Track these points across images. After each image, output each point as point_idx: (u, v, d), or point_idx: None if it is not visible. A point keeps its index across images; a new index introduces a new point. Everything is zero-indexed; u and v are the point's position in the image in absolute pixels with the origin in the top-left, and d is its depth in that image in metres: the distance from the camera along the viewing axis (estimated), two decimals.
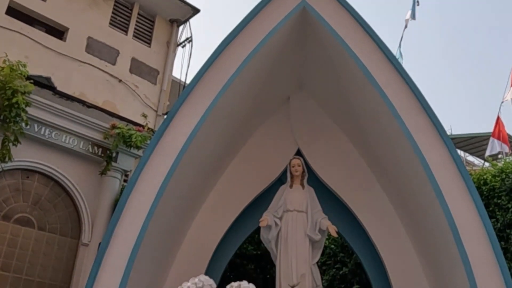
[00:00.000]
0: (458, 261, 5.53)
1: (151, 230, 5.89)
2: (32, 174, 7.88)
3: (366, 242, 7.02)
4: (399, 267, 6.71)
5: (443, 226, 5.70)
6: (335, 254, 9.34)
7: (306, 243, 6.33)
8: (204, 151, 6.50)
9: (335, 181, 7.14)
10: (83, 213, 8.15)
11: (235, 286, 4.86)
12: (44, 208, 7.87)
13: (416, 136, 5.84)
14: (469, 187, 5.74)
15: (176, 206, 6.37)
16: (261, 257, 9.64)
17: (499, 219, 7.06)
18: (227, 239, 7.16)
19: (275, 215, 6.48)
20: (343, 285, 8.97)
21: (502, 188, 7.23)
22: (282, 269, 6.23)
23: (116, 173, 8.64)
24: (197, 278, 4.78)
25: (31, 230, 7.65)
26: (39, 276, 7.54)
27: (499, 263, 5.50)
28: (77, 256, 7.96)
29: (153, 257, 6.17)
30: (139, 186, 6.04)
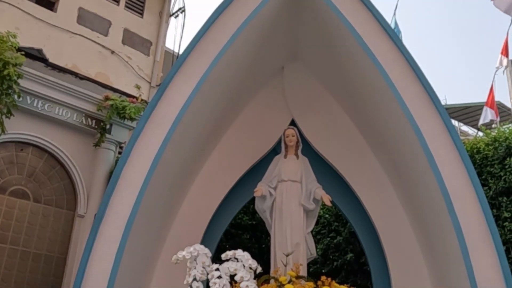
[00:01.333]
0: (450, 229, 5.59)
1: (146, 200, 5.91)
2: (26, 146, 7.85)
3: (360, 211, 7.08)
4: (392, 235, 6.79)
5: (435, 194, 5.75)
6: (329, 224, 9.45)
7: (300, 212, 6.38)
8: (198, 122, 6.49)
9: (329, 151, 7.17)
10: (78, 185, 8.16)
11: (230, 255, 4.90)
12: (39, 180, 7.87)
13: (410, 105, 5.85)
14: (462, 155, 5.77)
15: (171, 176, 6.38)
16: (256, 227, 9.73)
17: (492, 187, 7.13)
18: (222, 209, 7.21)
19: (270, 185, 6.51)
20: (337, 253, 9.09)
21: (495, 156, 7.28)
22: (277, 239, 6.29)
23: (110, 145, 8.63)
24: (192, 247, 4.82)
25: (27, 202, 7.67)
26: (36, 248, 7.60)
27: (491, 230, 5.57)
28: (73, 228, 8.01)
29: (149, 228, 6.21)
30: (133, 157, 6.04)
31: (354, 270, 8.76)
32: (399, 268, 6.64)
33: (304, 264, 6.16)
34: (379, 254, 6.92)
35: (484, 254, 5.47)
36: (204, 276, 4.72)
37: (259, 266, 4.98)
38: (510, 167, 7.00)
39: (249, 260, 4.86)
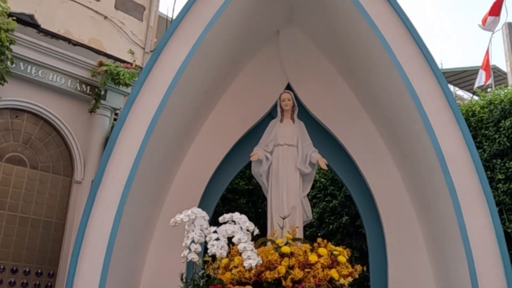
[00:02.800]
0: (444, 190, 5.66)
1: (143, 165, 5.94)
2: (21, 113, 7.81)
3: (355, 174, 7.14)
4: (387, 198, 6.87)
5: (430, 156, 5.80)
6: (325, 188, 9.53)
7: (296, 176, 6.43)
8: (193, 87, 6.46)
9: (325, 115, 7.18)
10: (74, 152, 8.16)
11: (228, 218, 4.96)
12: (35, 147, 7.86)
13: (405, 67, 5.84)
14: (457, 118, 5.81)
15: (167, 141, 6.40)
16: (252, 192, 9.81)
17: (486, 149, 7.19)
18: (219, 174, 7.25)
19: (266, 149, 6.54)
20: (333, 217, 9.21)
21: (490, 119, 7.32)
22: (274, 202, 6.36)
23: (105, 111, 8.59)
24: (190, 210, 4.87)
25: (24, 169, 7.67)
26: (34, 214, 7.64)
27: (485, 191, 5.65)
28: (71, 194, 8.04)
29: (146, 192, 6.26)
30: (129, 123, 6.05)
31: (349, 232, 8.89)
32: (394, 230, 6.75)
33: (300, 226, 6.24)
34: (374, 217, 7.01)
35: (477, 215, 5.56)
36: (202, 238, 4.80)
37: (256, 228, 5.06)
38: (505, 129, 7.04)
39: (246, 223, 4.93)
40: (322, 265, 5.52)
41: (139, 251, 6.36)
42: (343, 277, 5.54)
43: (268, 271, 5.39)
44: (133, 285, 6.27)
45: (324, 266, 5.54)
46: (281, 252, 5.61)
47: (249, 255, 4.69)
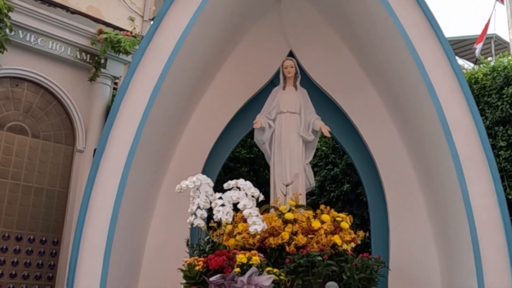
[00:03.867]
0: (447, 157, 5.68)
1: (146, 133, 5.93)
2: (21, 82, 7.75)
3: (358, 142, 7.15)
4: (389, 164, 6.89)
5: (434, 123, 5.80)
6: (326, 156, 9.55)
7: (299, 143, 6.43)
8: (195, 54, 6.41)
9: (327, 82, 7.14)
10: (75, 120, 8.13)
11: (232, 184, 4.99)
12: (36, 116, 7.83)
13: (410, 32, 5.79)
14: (461, 83, 5.79)
15: (170, 109, 6.38)
16: (253, 161, 9.83)
17: (488, 117, 7.19)
18: (221, 143, 7.25)
19: (269, 117, 6.52)
20: (334, 185, 9.25)
21: (493, 86, 7.29)
22: (276, 170, 6.37)
23: (106, 79, 8.53)
24: (195, 177, 4.89)
25: (25, 137, 7.66)
26: (37, 182, 7.67)
27: (488, 158, 5.67)
28: (73, 163, 8.04)
29: (149, 161, 6.26)
30: (131, 90, 6.01)
31: (350, 200, 8.95)
32: (396, 197, 6.79)
33: (303, 194, 6.28)
34: (376, 184, 7.05)
35: (480, 181, 5.59)
36: (208, 204, 4.82)
37: (261, 194, 5.08)
38: (507, 96, 7.03)
39: (251, 189, 4.95)
40: (325, 231, 5.58)
41: (143, 218, 6.40)
42: (346, 243, 5.60)
43: (271, 237, 5.46)
44: (138, 252, 6.33)
45: (327, 232, 5.59)
46: (284, 218, 5.66)
47: (255, 221, 4.73)
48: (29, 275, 7.40)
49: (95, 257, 5.56)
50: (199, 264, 4.49)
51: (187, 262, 4.61)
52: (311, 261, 4.63)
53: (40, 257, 7.54)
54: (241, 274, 4.38)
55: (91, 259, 5.58)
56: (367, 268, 4.58)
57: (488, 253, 5.43)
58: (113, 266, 5.57)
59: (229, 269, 4.43)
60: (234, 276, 4.38)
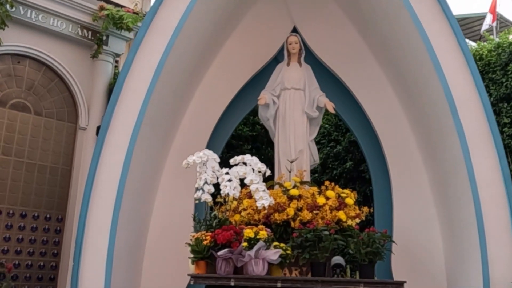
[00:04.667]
0: (453, 133, 5.68)
1: (151, 110, 5.92)
2: (22, 59, 7.69)
3: (362, 118, 7.14)
4: (393, 141, 6.89)
5: (439, 99, 5.78)
6: (329, 133, 9.55)
7: (303, 120, 6.41)
8: (199, 29, 6.36)
9: (331, 58, 7.10)
10: (78, 98, 8.10)
11: (239, 160, 4.99)
12: (38, 93, 7.79)
13: (415, 7, 5.75)
14: (467, 59, 5.76)
15: (173, 86, 6.35)
16: (256, 138, 9.83)
17: (493, 93, 7.17)
18: (225, 120, 7.24)
19: (273, 93, 6.49)
20: (336, 162, 9.27)
21: (498, 63, 7.27)
22: (281, 146, 6.37)
23: (108, 56, 8.47)
24: (201, 152, 4.89)
25: (28, 115, 7.63)
26: (41, 160, 7.66)
27: (493, 134, 5.67)
28: (76, 140, 8.03)
29: (154, 137, 6.26)
30: (135, 66, 5.98)
31: (353, 177, 8.98)
32: (399, 174, 6.80)
33: (307, 170, 6.29)
34: (380, 161, 7.05)
35: (485, 157, 5.60)
36: (215, 179, 4.83)
37: (268, 169, 5.09)
38: None
39: (258, 164, 4.96)
40: (330, 207, 5.60)
41: (148, 194, 6.42)
42: (350, 219, 5.63)
43: (277, 213, 5.47)
44: (143, 228, 6.37)
45: (332, 208, 5.61)
46: (289, 194, 5.67)
47: (262, 196, 4.75)
48: (34, 251, 7.44)
49: (100, 233, 5.59)
50: (207, 239, 4.52)
51: (194, 237, 4.63)
52: (318, 236, 4.66)
53: (44, 234, 7.58)
54: (248, 249, 4.41)
55: (96, 235, 5.61)
56: (373, 242, 4.61)
57: (492, 228, 5.46)
58: (119, 242, 5.60)
59: (237, 243, 4.46)
60: (242, 250, 4.41)
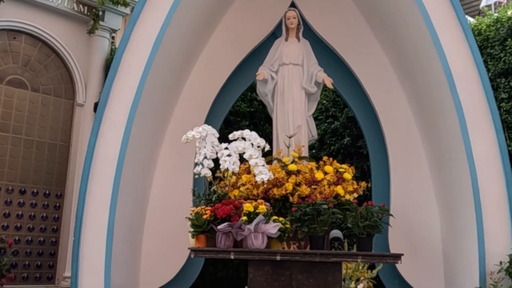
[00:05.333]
0: (451, 108, 5.70)
1: (148, 85, 5.90)
2: (18, 35, 7.62)
3: (360, 94, 7.14)
4: (391, 118, 6.92)
5: (438, 74, 5.79)
6: (326, 109, 9.55)
7: (302, 95, 6.39)
8: (197, 4, 6.33)
9: (330, 33, 7.07)
10: (75, 74, 8.05)
11: (238, 135, 5.00)
12: (35, 69, 7.74)
13: None
14: (466, 34, 5.75)
15: (171, 61, 6.33)
16: (253, 114, 9.82)
17: (491, 68, 7.16)
18: (222, 96, 7.23)
19: (271, 69, 6.46)
20: (334, 138, 9.29)
21: (496, 38, 7.25)
22: (279, 121, 6.36)
23: (104, 32, 8.40)
24: (200, 127, 4.89)
25: (25, 91, 7.59)
26: (39, 136, 7.65)
27: (491, 109, 5.70)
28: (74, 116, 8.01)
29: (152, 113, 6.26)
30: (133, 42, 5.95)
31: (350, 153, 9.00)
32: (397, 149, 6.85)
33: (306, 145, 6.29)
34: (378, 137, 7.09)
35: (483, 132, 5.64)
36: (214, 154, 4.84)
37: (267, 144, 5.10)
38: (510, 48, 6.98)
39: (257, 139, 4.97)
40: (328, 182, 5.63)
41: (147, 170, 6.45)
42: (348, 193, 5.67)
43: (275, 188, 5.50)
44: (142, 203, 6.41)
45: (330, 183, 5.64)
46: (287, 170, 5.69)
47: (261, 170, 4.77)
48: (34, 227, 7.49)
49: (100, 208, 5.63)
50: (207, 213, 4.55)
51: (194, 211, 4.66)
52: (316, 210, 4.69)
53: (44, 210, 7.62)
54: (248, 223, 4.45)
55: (96, 210, 5.66)
56: (371, 216, 4.65)
57: (489, 203, 5.53)
58: (119, 216, 5.65)
59: (236, 217, 4.49)
60: (241, 224, 4.45)
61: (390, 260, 4.76)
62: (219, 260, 8.52)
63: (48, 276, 7.55)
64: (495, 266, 5.31)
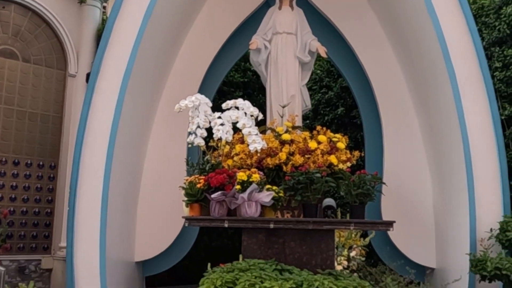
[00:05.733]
0: (445, 76, 5.69)
1: (141, 55, 5.84)
2: (7, 4, 7.47)
3: (354, 64, 7.12)
4: (385, 87, 6.92)
5: (432, 42, 5.76)
6: (320, 79, 9.53)
7: (295, 65, 6.36)
8: None
9: (323, 2, 7.00)
10: (66, 44, 7.94)
11: (231, 104, 4.98)
12: (25, 39, 7.63)
13: None
14: (461, 1, 5.73)
15: (163, 30, 6.27)
16: (247, 84, 9.80)
17: (485, 37, 7.14)
18: (216, 65, 7.19)
19: (264, 38, 6.40)
20: (328, 108, 9.29)
21: (491, 6, 7.20)
22: (273, 91, 6.34)
23: (95, 1, 8.23)
24: (193, 96, 4.87)
25: (16, 62, 7.49)
26: (31, 107, 7.59)
27: (484, 77, 5.69)
28: (66, 87, 7.94)
29: (145, 83, 6.22)
30: (124, 10, 5.87)
31: (344, 123, 9.03)
32: (391, 119, 6.86)
33: (299, 115, 6.29)
34: (372, 106, 7.09)
35: (476, 100, 5.65)
36: (207, 124, 4.83)
37: (260, 113, 5.10)
38: (505, 16, 6.95)
39: (250, 108, 4.96)
40: (321, 151, 5.65)
41: (141, 139, 6.45)
42: (341, 163, 5.70)
43: (269, 158, 5.52)
44: (136, 172, 6.42)
45: (323, 152, 5.66)
46: (281, 139, 5.70)
47: (254, 139, 4.78)
48: (29, 198, 7.49)
49: (94, 178, 5.63)
50: (200, 182, 4.56)
51: (188, 180, 4.68)
52: (310, 178, 4.72)
53: (38, 181, 7.61)
54: (241, 191, 4.48)
55: (91, 180, 5.66)
56: (364, 184, 4.68)
57: (480, 171, 5.58)
58: (113, 186, 5.66)
59: (230, 186, 4.51)
60: (235, 193, 4.47)
61: (382, 227, 4.82)
62: (213, 230, 8.64)
63: (44, 246, 7.60)
64: (486, 233, 5.38)
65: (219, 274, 3.99)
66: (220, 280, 3.89)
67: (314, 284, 3.94)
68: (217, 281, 3.89)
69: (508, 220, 5.31)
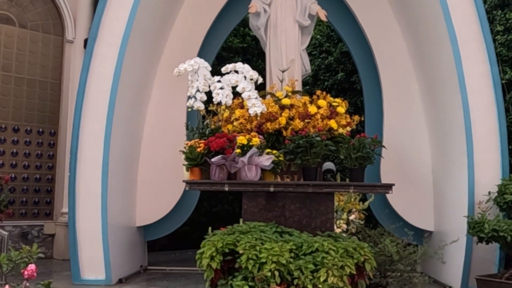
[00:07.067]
0: (446, 40, 5.65)
1: (139, 18, 5.81)
2: None
3: (354, 28, 7.07)
4: (385, 51, 6.89)
5: (434, 5, 5.73)
6: (320, 44, 9.44)
7: (295, 28, 6.28)
8: None
9: None
10: (63, 9, 7.83)
11: (230, 68, 4.95)
12: (21, 4, 7.52)
13: None
14: None
15: None
16: (246, 50, 9.72)
17: (487, 0, 7.03)
18: (215, 30, 7.12)
19: (264, 1, 6.30)
20: (328, 74, 9.24)
21: None
22: (272, 55, 6.28)
23: None
24: (192, 60, 4.83)
25: (13, 28, 7.41)
26: (29, 74, 7.54)
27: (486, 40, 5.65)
28: (64, 53, 7.88)
29: (144, 47, 6.19)
30: None
31: (344, 89, 8.99)
32: (391, 83, 6.85)
33: (299, 80, 6.25)
34: (372, 71, 7.06)
35: (476, 63, 5.62)
36: (207, 87, 4.81)
37: (260, 76, 5.07)
38: None
39: (250, 71, 4.92)
40: (321, 116, 5.63)
41: (140, 103, 6.44)
42: (341, 127, 5.69)
43: (268, 123, 5.50)
44: (136, 137, 6.44)
45: (323, 116, 5.65)
46: (281, 104, 5.68)
47: (254, 103, 4.77)
48: (29, 165, 7.52)
49: (95, 143, 5.66)
50: (200, 146, 4.57)
51: (188, 144, 4.68)
52: (309, 142, 4.72)
53: (38, 147, 7.63)
54: (241, 155, 4.48)
55: (91, 145, 5.69)
56: (364, 147, 4.69)
57: (480, 134, 5.58)
58: (113, 151, 5.69)
59: (230, 150, 4.52)
60: (235, 156, 4.48)
61: (382, 190, 4.84)
62: (214, 195, 8.70)
63: (46, 212, 7.67)
64: (484, 196, 5.42)
65: (220, 237, 4.03)
66: (221, 242, 3.94)
67: (314, 245, 3.99)
68: (218, 243, 3.93)
69: (507, 183, 5.34)
